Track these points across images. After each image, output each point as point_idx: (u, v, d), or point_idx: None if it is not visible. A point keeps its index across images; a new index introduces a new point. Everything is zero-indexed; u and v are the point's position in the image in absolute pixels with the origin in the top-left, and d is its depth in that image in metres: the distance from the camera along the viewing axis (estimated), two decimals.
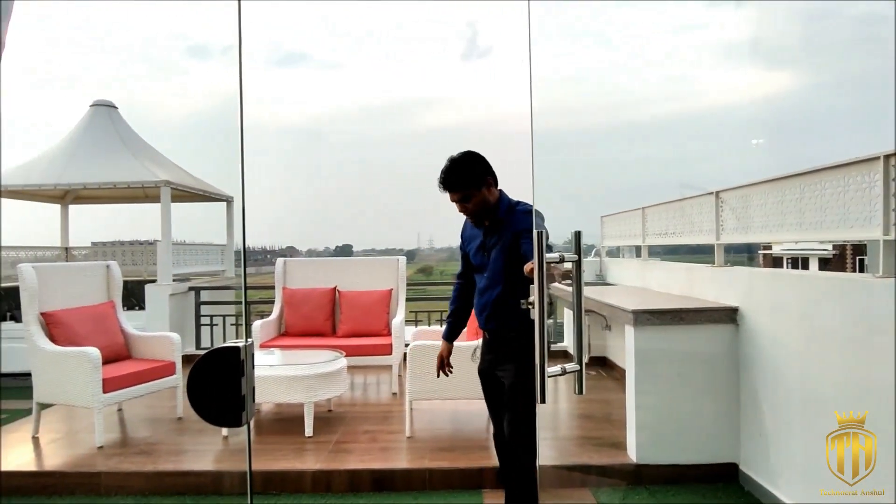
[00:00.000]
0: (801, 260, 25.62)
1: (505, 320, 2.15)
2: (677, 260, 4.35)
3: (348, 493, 2.87)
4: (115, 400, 3.44)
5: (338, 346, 4.15)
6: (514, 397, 2.12)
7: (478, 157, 2.16)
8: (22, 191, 6.36)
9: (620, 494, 2.82)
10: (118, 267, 4.26)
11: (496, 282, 2.15)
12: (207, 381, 0.70)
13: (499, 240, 2.15)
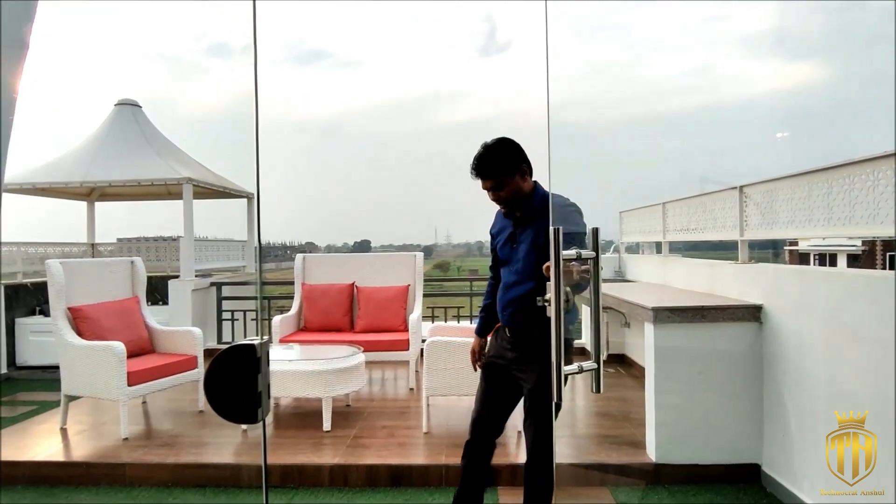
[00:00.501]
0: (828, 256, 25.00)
1: (533, 319, 2.03)
2: (699, 256, 4.27)
3: (366, 487, 2.89)
4: (139, 393, 3.51)
5: (356, 341, 4.18)
6: (538, 403, 2.06)
7: (513, 144, 2.08)
8: (49, 188, 6.52)
9: (639, 494, 2.78)
10: (142, 263, 4.34)
11: (527, 277, 2.06)
12: (224, 377, 0.71)
13: (531, 233, 2.06)
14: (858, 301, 2.20)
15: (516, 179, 2.05)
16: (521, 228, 2.12)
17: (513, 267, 2.13)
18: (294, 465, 2.97)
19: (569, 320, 2.06)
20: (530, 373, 2.08)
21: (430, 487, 2.87)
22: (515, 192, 2.07)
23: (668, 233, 4.57)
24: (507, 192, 2.05)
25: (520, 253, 2.10)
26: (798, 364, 2.56)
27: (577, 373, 1.29)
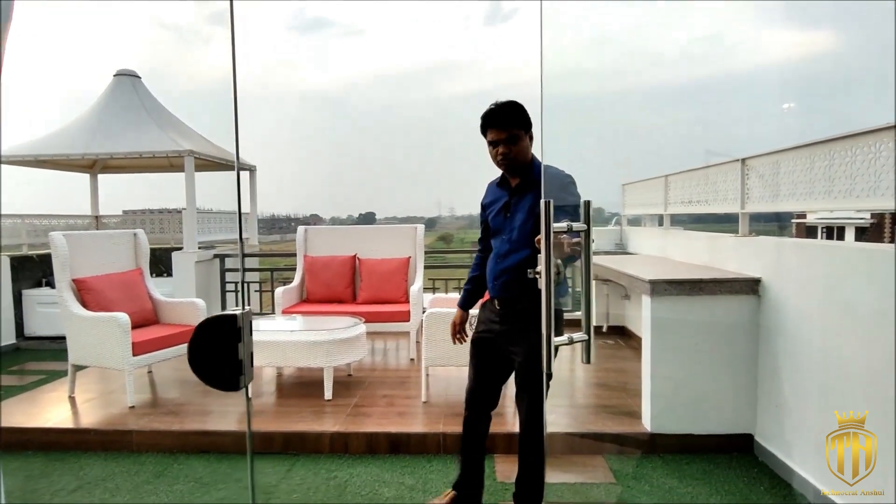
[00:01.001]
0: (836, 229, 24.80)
1: (524, 289, 2.02)
2: (704, 229, 4.24)
3: (365, 454, 2.97)
4: (144, 363, 3.58)
5: (357, 312, 4.22)
6: (531, 377, 2.08)
7: (522, 107, 2.06)
8: (52, 160, 6.51)
9: (634, 462, 2.84)
10: (144, 235, 4.36)
11: (522, 245, 2.04)
12: (206, 347, 0.73)
13: (528, 202, 2.05)
14: (856, 275, 2.19)
15: (526, 140, 2.04)
16: (517, 197, 2.10)
17: (506, 236, 2.12)
18: (296, 432, 3.05)
19: (559, 292, 2.07)
20: (521, 346, 2.09)
21: (428, 455, 2.94)
22: (522, 153, 2.05)
23: (669, 205, 4.54)
24: (519, 148, 2.03)
25: (515, 222, 2.08)
26: (794, 337, 2.57)
27: (567, 344, 1.30)
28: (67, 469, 2.86)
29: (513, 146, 2.03)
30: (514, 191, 2.12)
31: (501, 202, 2.15)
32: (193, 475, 2.77)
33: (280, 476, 2.74)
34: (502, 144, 2.03)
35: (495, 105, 2.04)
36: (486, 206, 2.24)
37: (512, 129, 2.01)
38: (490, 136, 2.06)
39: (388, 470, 2.79)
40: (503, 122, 2.02)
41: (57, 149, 6.31)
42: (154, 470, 2.83)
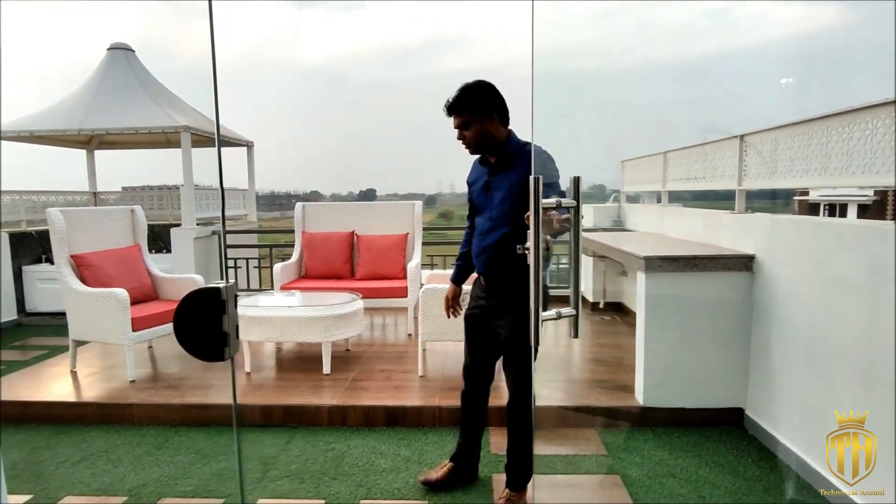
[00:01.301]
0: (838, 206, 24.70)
1: (507, 266, 2.10)
2: (706, 206, 4.23)
3: (363, 427, 3.02)
4: (144, 338, 3.62)
5: (355, 288, 4.25)
6: (515, 351, 2.13)
7: (489, 88, 2.08)
8: (48, 135, 6.47)
9: (625, 435, 2.90)
10: (142, 211, 4.36)
11: (501, 223, 2.09)
12: (191, 319, 0.74)
13: (506, 179, 2.09)
14: (847, 252, 2.20)
15: (484, 123, 2.06)
16: (495, 176, 2.13)
17: (487, 214, 2.15)
18: (295, 405, 3.10)
19: (543, 267, 2.10)
20: (505, 320, 2.13)
21: (424, 427, 2.99)
22: (482, 136, 2.08)
23: (668, 182, 4.52)
24: (473, 133, 2.08)
25: (494, 200, 2.12)
26: (786, 314, 2.59)
27: (554, 319, 1.32)
28: (71, 441, 2.92)
29: (466, 131, 2.09)
30: (492, 168, 2.15)
31: (483, 180, 2.19)
32: (194, 447, 2.83)
33: (280, 448, 2.79)
34: (458, 130, 2.11)
35: (459, 88, 2.08)
36: (471, 184, 2.28)
37: (463, 115, 2.07)
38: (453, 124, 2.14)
39: (385, 442, 2.84)
40: (454, 109, 2.09)
41: (52, 124, 6.26)
42: (155, 442, 2.89)
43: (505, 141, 2.11)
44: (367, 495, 2.36)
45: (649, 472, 2.51)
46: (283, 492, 2.40)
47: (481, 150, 2.15)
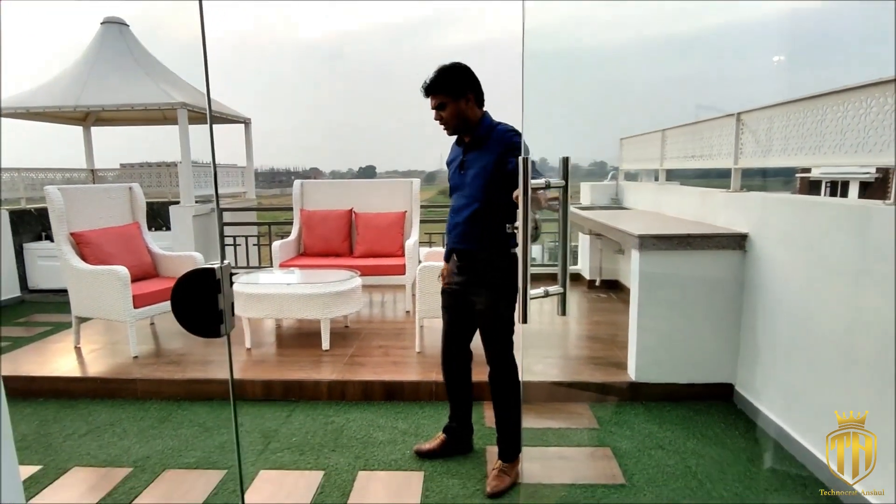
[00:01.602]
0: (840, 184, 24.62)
1: (479, 241, 2.19)
2: (706, 184, 4.23)
3: (361, 401, 3.10)
4: (145, 315, 3.67)
5: (354, 266, 4.29)
6: (491, 325, 2.21)
7: (464, 70, 2.14)
8: (43, 112, 6.43)
9: (617, 409, 2.97)
10: (140, 189, 4.38)
11: (474, 199, 2.17)
12: (187, 298, 0.77)
13: (479, 158, 2.16)
14: (837, 231, 2.23)
15: (459, 104, 2.13)
16: (469, 155, 2.20)
17: (462, 192, 2.24)
18: (295, 380, 3.17)
19: (512, 243, 2.20)
20: (479, 296, 2.21)
21: (421, 402, 3.07)
22: (458, 116, 2.15)
23: (665, 160, 4.52)
24: (449, 113, 2.14)
25: (468, 178, 2.19)
26: (776, 292, 2.64)
27: (542, 297, 1.35)
28: (77, 415, 2.99)
29: (442, 112, 2.16)
30: (467, 147, 2.22)
31: (458, 160, 2.26)
32: (196, 420, 2.90)
33: (280, 421, 2.87)
34: (435, 112, 2.18)
35: (435, 69, 2.13)
36: (449, 164, 2.35)
37: (439, 96, 2.14)
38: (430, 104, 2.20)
39: (383, 416, 2.92)
40: (431, 90, 2.15)
41: (48, 101, 6.22)
42: (159, 416, 2.97)
43: (479, 122, 2.18)
44: (365, 466, 2.44)
45: (639, 444, 2.59)
46: (284, 463, 2.48)
47: (457, 131, 2.21)
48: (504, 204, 2.13)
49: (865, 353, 2.03)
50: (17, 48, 38.86)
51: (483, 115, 2.20)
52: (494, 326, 2.22)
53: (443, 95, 2.12)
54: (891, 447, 1.86)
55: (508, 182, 2.05)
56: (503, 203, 2.12)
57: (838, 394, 2.18)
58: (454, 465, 2.43)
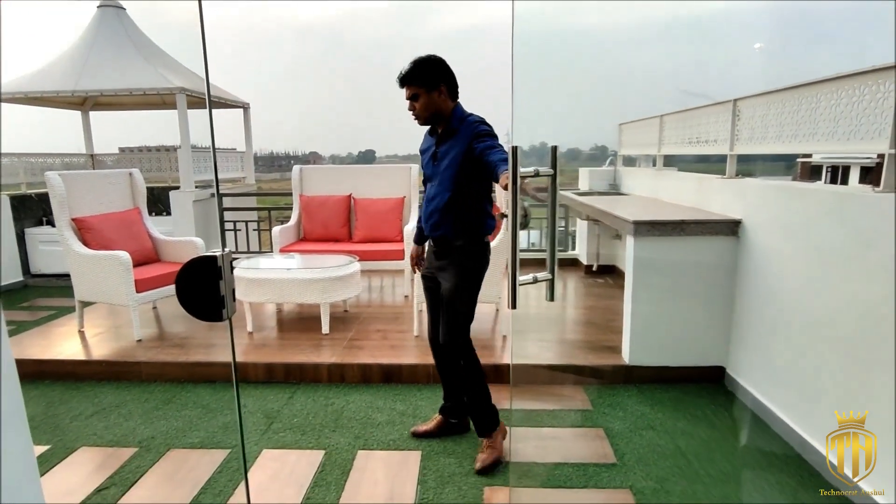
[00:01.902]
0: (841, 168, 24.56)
1: (452, 227, 2.26)
2: (706, 170, 4.24)
3: (360, 383, 3.17)
4: (148, 299, 3.73)
5: (353, 251, 4.34)
6: (450, 302, 2.28)
7: (438, 62, 2.19)
8: (42, 97, 6.42)
9: (610, 392, 3.03)
10: (140, 174, 4.40)
11: (446, 188, 2.23)
12: (190, 285, 0.82)
13: (451, 149, 2.22)
14: (830, 217, 2.27)
15: (433, 96, 2.18)
16: (442, 147, 2.26)
17: (435, 181, 2.30)
18: (296, 363, 3.23)
19: (488, 225, 2.31)
20: (447, 276, 2.30)
21: (419, 384, 3.13)
22: (430, 108, 2.20)
23: (663, 146, 4.53)
24: (422, 105, 2.20)
25: (441, 168, 2.25)
26: (769, 278, 2.68)
27: (530, 283, 1.39)
28: (83, 397, 3.06)
29: (415, 103, 2.20)
30: (440, 138, 2.28)
31: (431, 150, 2.31)
32: (200, 402, 2.98)
33: (282, 403, 2.94)
34: (409, 102, 2.23)
35: (410, 61, 2.18)
36: (422, 153, 2.41)
37: (412, 88, 2.19)
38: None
39: (381, 398, 2.99)
40: (405, 81, 2.20)
41: (46, 85, 6.21)
42: (163, 397, 3.04)
43: (451, 113, 2.23)
44: (365, 446, 2.52)
45: (631, 425, 2.66)
46: (286, 443, 2.56)
47: (429, 122, 2.27)
48: (475, 192, 2.24)
49: (854, 338, 2.08)
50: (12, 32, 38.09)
51: (455, 106, 2.25)
52: (452, 308, 2.29)
53: (416, 87, 2.17)
54: (891, 445, 1.90)
55: (478, 170, 2.13)
56: (474, 191, 2.24)
57: (825, 377, 2.24)
58: (451, 445, 2.50)
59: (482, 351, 3.32)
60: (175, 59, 7.09)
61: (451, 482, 2.23)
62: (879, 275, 1.92)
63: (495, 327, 3.79)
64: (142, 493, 2.20)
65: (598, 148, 6.66)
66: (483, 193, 2.30)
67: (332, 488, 2.21)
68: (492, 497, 2.14)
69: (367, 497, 2.15)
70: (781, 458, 2.35)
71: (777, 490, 2.14)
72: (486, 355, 3.25)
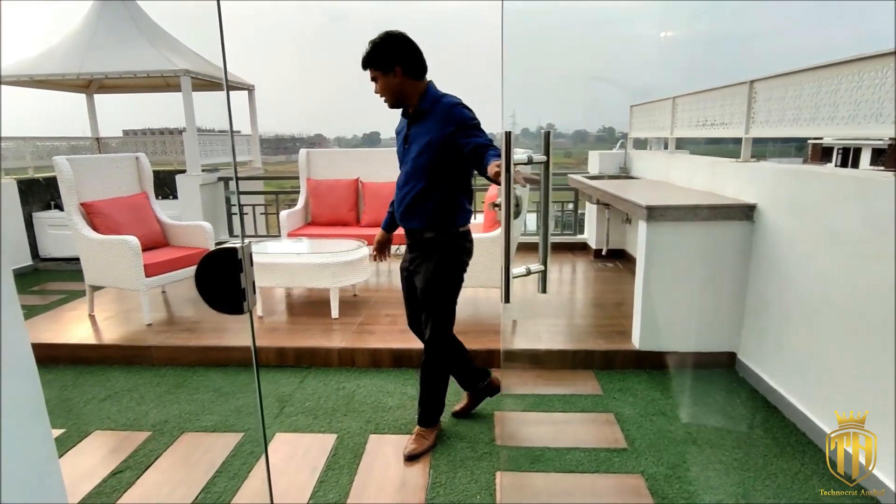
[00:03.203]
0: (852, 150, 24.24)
1: (424, 219, 2.17)
2: (718, 152, 4.16)
3: (370, 367, 3.18)
4: (157, 283, 3.74)
5: (361, 235, 4.32)
6: (427, 302, 2.23)
7: (395, 40, 2.04)
8: (47, 80, 6.38)
9: (621, 377, 3.03)
10: (146, 158, 4.38)
11: (419, 177, 2.13)
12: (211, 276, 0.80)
13: (423, 133, 2.10)
14: (844, 201, 2.22)
15: (388, 78, 2.06)
16: (412, 129, 2.15)
17: (404, 167, 2.20)
18: (306, 347, 3.24)
19: (465, 218, 2.21)
20: (421, 273, 2.23)
21: None
22: (388, 90, 2.09)
23: (676, 128, 4.46)
24: (380, 87, 2.10)
25: (411, 153, 2.14)
26: (783, 263, 2.65)
27: (524, 275, 1.36)
28: (95, 381, 3.09)
29: (377, 84, 2.10)
30: (410, 120, 2.17)
31: (402, 134, 2.21)
32: (212, 385, 2.99)
33: (294, 387, 2.95)
34: (374, 83, 2.12)
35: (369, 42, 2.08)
36: (397, 135, 2.29)
37: (371, 70, 2.08)
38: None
39: (392, 382, 3.00)
40: (363, 64, 2.09)
41: (51, 68, 6.16)
42: (175, 381, 3.06)
43: (422, 94, 2.11)
44: (376, 430, 2.53)
45: (641, 410, 2.66)
46: (298, 426, 2.57)
47: (396, 105, 2.15)
48: (449, 182, 2.13)
49: (869, 322, 2.06)
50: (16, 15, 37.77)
51: (426, 86, 2.12)
52: (432, 305, 2.23)
53: (373, 69, 2.07)
54: (890, 440, 1.90)
55: (455, 159, 2.03)
56: (447, 181, 2.12)
57: (840, 363, 2.22)
58: (463, 429, 2.51)
59: (490, 336, 3.32)
60: (179, 41, 7.02)
61: (464, 466, 2.24)
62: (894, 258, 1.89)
63: (502, 312, 3.78)
64: (157, 477, 2.23)
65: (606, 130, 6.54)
66: (458, 184, 2.17)
67: (344, 471, 2.22)
68: (503, 481, 2.15)
69: (380, 480, 2.17)
70: (795, 445, 2.34)
71: (790, 477, 2.13)
72: (493, 340, 3.25)
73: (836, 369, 2.25)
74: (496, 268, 3.48)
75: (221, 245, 0.79)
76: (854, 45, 10.36)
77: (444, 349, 2.31)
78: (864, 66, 2.26)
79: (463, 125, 2.01)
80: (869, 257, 2.07)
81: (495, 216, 3.53)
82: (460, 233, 2.22)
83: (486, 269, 3.47)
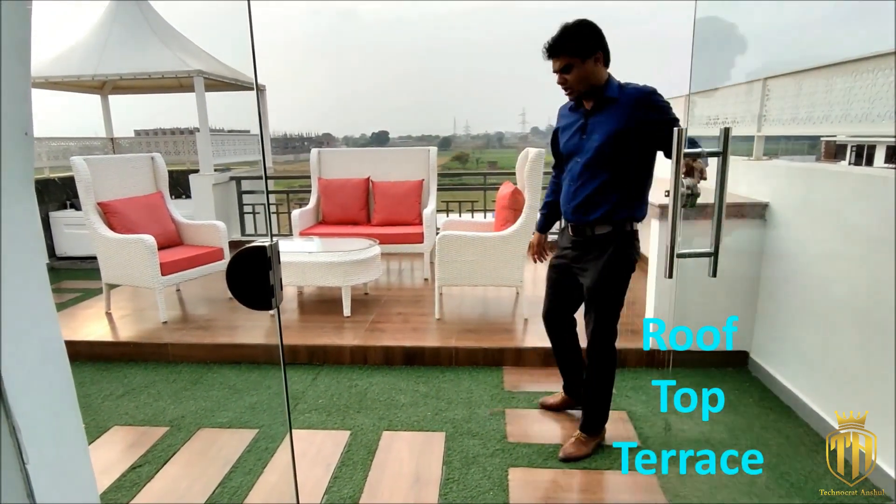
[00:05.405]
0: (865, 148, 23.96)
1: (600, 214, 2.06)
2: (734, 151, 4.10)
3: (383, 365, 3.21)
4: (172, 282, 3.79)
5: (372, 234, 4.35)
6: (598, 300, 2.16)
7: (591, 27, 1.95)
8: (63, 81, 6.47)
9: (633, 375, 3.03)
10: (162, 159, 4.44)
11: (602, 167, 2.02)
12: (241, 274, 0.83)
13: (607, 122, 1.99)
14: (858, 200, 2.22)
15: (587, 64, 1.95)
16: (594, 118, 2.04)
17: (580, 158, 2.08)
18: (319, 345, 3.28)
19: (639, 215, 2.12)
20: (589, 270, 2.15)
21: (441, 366, 3.16)
22: (584, 79, 1.98)
23: (691, 126, 4.44)
24: (575, 76, 1.97)
25: (591, 143, 2.03)
26: (796, 262, 2.64)
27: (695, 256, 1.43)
28: (113, 377, 3.14)
29: (567, 75, 1.98)
30: (589, 113, 2.06)
31: (578, 124, 2.09)
32: (227, 382, 3.04)
33: (307, 384, 2.99)
34: (559, 75, 2.01)
35: (559, 28, 1.96)
36: (560, 131, 2.21)
37: (563, 58, 1.96)
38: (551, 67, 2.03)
39: (404, 379, 3.03)
40: (554, 51, 1.97)
41: (66, 70, 6.25)
42: (190, 378, 3.11)
43: (605, 84, 2.00)
44: (389, 427, 2.55)
45: (654, 409, 2.66)
46: (312, 423, 2.61)
47: (586, 95, 2.03)
48: (635, 171, 2.02)
49: (883, 322, 2.05)
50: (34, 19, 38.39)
51: (609, 77, 2.02)
52: (603, 302, 2.16)
53: (569, 56, 1.94)
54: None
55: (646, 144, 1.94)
56: (634, 171, 2.01)
57: (853, 362, 2.22)
58: (475, 426, 2.53)
59: (501, 335, 3.34)
60: (192, 42, 7.09)
61: (476, 463, 2.26)
62: None
63: (515, 311, 3.80)
64: (175, 471, 2.27)
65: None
66: (642, 176, 2.06)
67: (358, 468, 2.25)
68: (516, 478, 2.17)
69: (393, 476, 2.20)
70: (808, 445, 2.34)
71: (803, 477, 2.13)
72: (505, 338, 3.27)
73: (849, 369, 2.25)
74: (508, 267, 3.49)
75: (250, 244, 0.82)
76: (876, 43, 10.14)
77: (610, 348, 2.25)
78: (880, 63, 2.24)
79: (657, 109, 1.94)
80: (882, 256, 2.07)
81: (507, 216, 3.54)
82: (634, 230, 2.14)
83: (498, 268, 3.49)
